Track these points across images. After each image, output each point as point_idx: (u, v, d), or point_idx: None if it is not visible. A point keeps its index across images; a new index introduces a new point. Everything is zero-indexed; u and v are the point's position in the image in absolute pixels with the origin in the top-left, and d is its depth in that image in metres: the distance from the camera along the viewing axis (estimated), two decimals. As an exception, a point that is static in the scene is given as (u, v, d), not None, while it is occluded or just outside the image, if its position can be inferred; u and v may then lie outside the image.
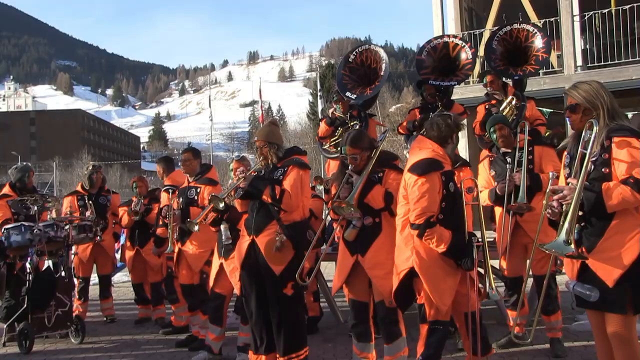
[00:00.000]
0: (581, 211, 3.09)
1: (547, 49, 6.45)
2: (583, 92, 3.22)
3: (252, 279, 4.58)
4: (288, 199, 4.50)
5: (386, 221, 4.26)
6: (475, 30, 14.83)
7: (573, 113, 3.25)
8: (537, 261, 4.87)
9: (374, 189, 4.22)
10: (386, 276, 4.15)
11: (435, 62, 6.86)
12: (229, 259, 5.16)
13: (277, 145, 4.72)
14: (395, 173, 4.32)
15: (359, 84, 6.97)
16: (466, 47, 6.84)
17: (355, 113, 6.83)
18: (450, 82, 6.70)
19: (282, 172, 4.64)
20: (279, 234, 4.47)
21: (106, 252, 7.33)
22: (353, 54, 7.15)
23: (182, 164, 6.05)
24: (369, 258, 4.23)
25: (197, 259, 5.75)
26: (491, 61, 6.61)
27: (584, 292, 3.10)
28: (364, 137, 4.41)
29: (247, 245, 4.62)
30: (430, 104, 6.69)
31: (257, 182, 4.63)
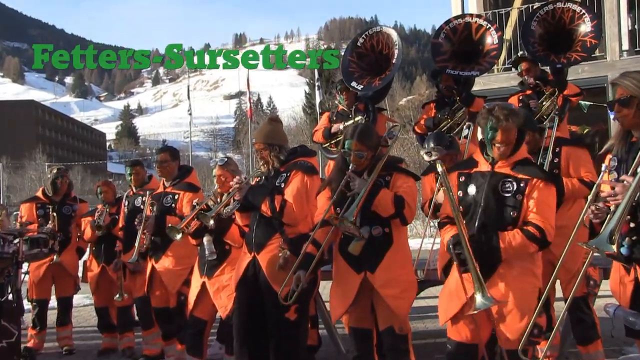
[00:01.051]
0: (633, 222, 3.09)
1: (596, 34, 6.42)
2: (637, 82, 3.20)
3: (248, 302, 4.60)
4: (290, 211, 4.51)
5: (397, 231, 4.27)
6: (500, 10, 14.87)
7: (625, 107, 3.22)
8: (566, 283, 4.86)
9: (381, 193, 4.21)
10: (402, 295, 4.17)
11: (454, 46, 6.86)
12: (213, 277, 5.16)
13: (279, 147, 4.75)
14: (405, 176, 4.32)
15: (368, 72, 6.98)
16: (492, 30, 6.84)
17: (361, 107, 6.83)
18: (472, 71, 6.69)
19: (284, 178, 4.65)
20: (283, 250, 4.48)
21: (66, 270, 7.27)
22: (362, 37, 7.17)
23: (158, 167, 6.07)
24: (380, 275, 4.22)
25: (173, 277, 5.75)
26: (529, 45, 6.55)
27: (628, 318, 3.09)
28: (374, 134, 4.42)
29: (248, 263, 4.63)
30: (447, 98, 6.69)
31: (253, 195, 4.64)
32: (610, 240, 2.87)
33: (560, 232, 4.74)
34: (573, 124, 9.95)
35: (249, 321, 4.64)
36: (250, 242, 4.72)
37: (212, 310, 5.26)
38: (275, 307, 4.46)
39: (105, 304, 7.34)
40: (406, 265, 4.28)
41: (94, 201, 7.86)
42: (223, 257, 5.24)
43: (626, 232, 3.14)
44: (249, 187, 4.71)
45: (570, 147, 5.07)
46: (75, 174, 66.36)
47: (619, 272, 3.27)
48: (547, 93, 6.17)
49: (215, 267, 5.19)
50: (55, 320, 7.50)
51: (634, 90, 3.19)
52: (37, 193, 7.59)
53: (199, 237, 5.28)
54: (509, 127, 3.77)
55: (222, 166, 5.36)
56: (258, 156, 4.84)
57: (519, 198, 3.73)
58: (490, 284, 3.69)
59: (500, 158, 3.85)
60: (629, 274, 3.18)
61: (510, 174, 3.80)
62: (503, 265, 3.74)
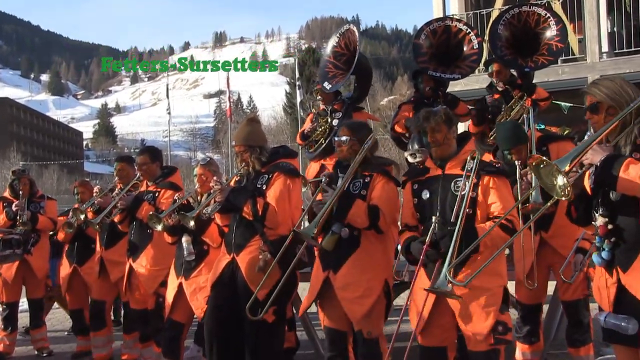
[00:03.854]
0: (611, 224, 3.14)
1: (562, 38, 6.53)
2: (605, 89, 3.27)
3: (223, 303, 4.60)
4: (272, 214, 4.53)
5: (365, 235, 4.29)
6: (482, 10, 14.95)
7: (595, 113, 3.29)
8: (567, 285, 4.90)
9: (355, 206, 4.23)
10: (357, 300, 4.20)
11: (433, 48, 6.91)
12: (190, 278, 5.15)
13: (259, 149, 4.76)
14: (386, 180, 4.34)
15: (343, 71, 7.03)
16: (472, 35, 6.89)
17: (337, 106, 6.89)
18: (454, 74, 6.76)
19: (266, 180, 4.66)
20: (263, 252, 4.49)
21: (35, 271, 7.18)
22: (337, 36, 7.24)
23: (139, 169, 6.04)
24: (340, 277, 4.27)
25: (150, 278, 5.75)
26: (497, 49, 6.66)
27: (620, 323, 3.09)
28: (364, 128, 4.49)
29: (226, 264, 4.63)
30: (427, 99, 6.72)
31: (235, 197, 4.65)
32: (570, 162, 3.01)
33: (561, 232, 4.80)
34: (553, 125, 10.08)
35: (222, 322, 4.63)
36: (230, 243, 4.72)
37: (189, 312, 5.25)
38: (253, 307, 4.46)
39: (79, 306, 7.27)
40: (371, 270, 4.28)
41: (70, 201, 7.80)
42: (201, 258, 5.23)
43: (605, 235, 3.17)
44: (230, 190, 4.70)
45: (558, 142, 5.12)
46: (51, 173, 65.82)
47: (601, 276, 3.30)
48: (515, 97, 6.24)
49: (192, 268, 5.18)
50: (28, 323, 7.43)
51: (600, 96, 3.27)
52: (4, 193, 7.52)
53: (175, 234, 5.26)
54: (432, 128, 3.96)
55: (203, 165, 5.36)
56: (238, 158, 4.84)
57: (472, 195, 3.87)
58: None
59: (439, 159, 4.02)
60: (612, 277, 3.21)
61: (460, 174, 3.93)
62: (468, 265, 3.82)
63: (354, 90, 7.23)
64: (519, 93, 6.35)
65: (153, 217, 5.11)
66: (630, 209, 3.11)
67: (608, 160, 3.06)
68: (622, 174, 2.99)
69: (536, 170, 3.04)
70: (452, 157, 4.01)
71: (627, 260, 3.12)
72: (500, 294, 3.88)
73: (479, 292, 3.81)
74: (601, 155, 3.09)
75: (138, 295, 5.85)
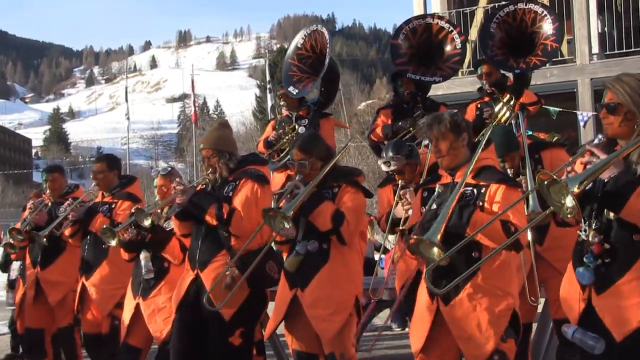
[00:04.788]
0: (608, 243, 3.16)
1: (558, 37, 6.57)
2: (629, 89, 3.21)
3: (189, 325, 4.58)
4: (238, 220, 4.52)
5: (335, 248, 4.32)
6: (465, 9, 15.12)
7: (612, 114, 3.24)
8: (560, 301, 4.94)
9: (322, 205, 4.26)
10: (329, 317, 4.22)
11: (413, 48, 6.95)
12: (149, 298, 5.12)
13: (228, 154, 4.77)
14: (354, 191, 4.38)
15: (309, 75, 7.05)
16: (454, 34, 6.94)
17: (303, 112, 6.91)
18: (435, 77, 6.80)
19: (233, 187, 4.66)
20: (230, 268, 4.48)
21: None
22: (302, 37, 7.25)
23: (94, 177, 6.01)
24: (309, 293, 4.29)
25: (105, 299, 5.71)
26: (487, 49, 6.69)
27: (587, 341, 3.14)
28: (318, 142, 4.50)
29: (190, 282, 4.61)
30: (406, 103, 6.76)
31: (199, 198, 4.63)
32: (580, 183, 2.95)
33: (559, 244, 4.83)
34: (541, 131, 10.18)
35: (188, 347, 4.60)
36: (194, 259, 4.70)
37: (147, 336, 5.21)
38: (218, 331, 4.45)
39: (39, 326, 7.02)
40: (342, 285, 4.30)
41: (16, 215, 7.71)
42: (161, 276, 5.20)
43: (598, 254, 3.20)
44: (193, 192, 4.69)
45: (551, 150, 5.20)
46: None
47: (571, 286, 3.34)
48: (503, 100, 6.30)
49: (151, 287, 5.14)
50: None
51: (623, 98, 3.20)
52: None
53: (133, 250, 5.22)
54: (435, 136, 3.90)
55: (164, 176, 5.36)
56: (205, 164, 4.84)
57: (479, 204, 3.82)
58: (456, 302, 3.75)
59: (446, 169, 3.97)
60: (583, 292, 3.26)
61: (470, 182, 3.89)
62: (472, 284, 3.78)
63: (320, 95, 7.25)
64: (507, 96, 6.40)
65: (107, 231, 5.07)
66: (624, 233, 3.15)
67: (620, 180, 3.07)
68: (633, 200, 3.00)
69: (543, 187, 2.98)
70: (462, 165, 3.95)
71: (605, 283, 3.17)
72: (506, 317, 3.81)
73: (482, 313, 3.76)
74: (611, 172, 3.08)
75: (91, 318, 5.79)
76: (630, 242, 3.13)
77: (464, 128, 3.98)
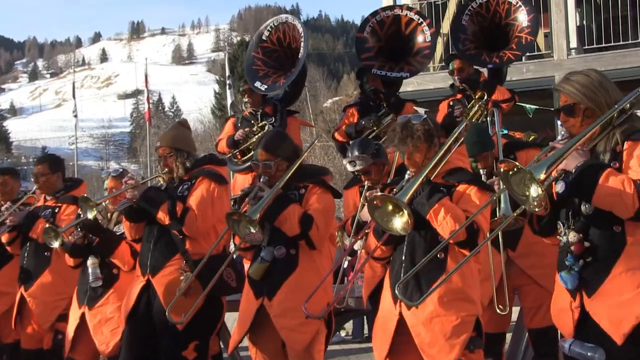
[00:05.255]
0: (587, 242, 3.21)
1: (533, 29, 6.66)
2: (580, 87, 3.29)
3: (139, 338, 4.54)
4: (192, 219, 4.52)
5: (304, 254, 4.32)
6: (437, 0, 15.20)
7: (570, 116, 3.32)
8: (534, 310, 5.00)
9: (289, 208, 4.26)
10: (299, 328, 4.22)
11: (381, 41, 6.99)
12: (95, 307, 5.08)
13: (186, 154, 4.78)
14: (322, 191, 4.39)
15: (276, 70, 7.05)
16: (424, 26, 7.01)
17: (269, 110, 6.89)
18: (402, 72, 6.84)
19: (188, 187, 4.66)
20: (185, 272, 4.45)
21: None
22: (267, 29, 7.25)
23: (35, 180, 5.94)
24: (277, 302, 4.28)
25: (47, 311, 5.64)
26: (459, 43, 6.77)
27: (585, 353, 3.16)
28: (284, 141, 4.50)
29: (140, 289, 4.57)
30: (372, 101, 6.80)
31: (152, 194, 4.60)
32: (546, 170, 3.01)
33: (530, 250, 4.87)
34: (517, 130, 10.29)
35: None
36: (145, 264, 4.68)
37: (93, 349, 5.17)
38: (171, 345, 4.43)
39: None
40: (316, 293, 4.30)
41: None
42: (109, 284, 5.19)
43: (579, 254, 3.24)
44: (146, 187, 4.69)
45: (527, 150, 5.24)
46: None
47: (562, 297, 3.37)
48: (475, 97, 6.35)
49: (98, 295, 5.11)
50: None
51: (577, 96, 3.29)
52: None
53: (79, 256, 5.18)
54: (409, 151, 3.90)
55: (115, 177, 5.41)
56: (161, 163, 4.86)
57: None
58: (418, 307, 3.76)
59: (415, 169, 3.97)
60: (575, 300, 3.28)
61: (442, 183, 3.95)
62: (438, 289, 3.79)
63: (285, 91, 7.24)
64: (479, 92, 6.44)
65: (50, 231, 5.03)
66: (603, 227, 3.20)
67: (586, 168, 3.12)
68: (600, 185, 3.05)
69: (505, 178, 3.04)
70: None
71: (594, 284, 3.20)
72: (470, 324, 3.85)
73: (447, 318, 3.79)
74: (577, 161, 3.14)
75: (31, 332, 5.71)
76: (611, 235, 3.18)
77: (435, 133, 4.02)
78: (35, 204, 6.11)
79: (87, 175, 58.29)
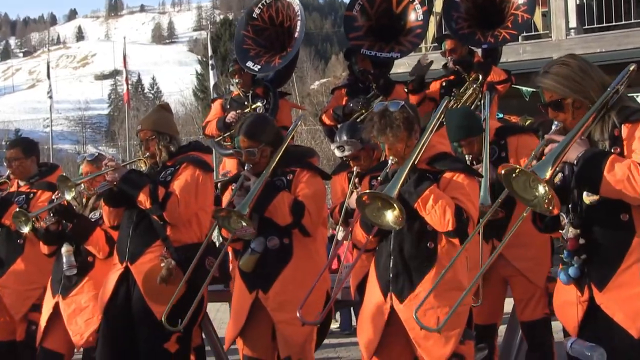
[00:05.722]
0: (583, 238, 3.21)
1: (529, 7, 6.65)
2: (562, 79, 3.28)
3: (117, 329, 4.54)
4: (174, 205, 4.52)
5: (298, 243, 4.32)
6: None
7: (560, 111, 3.31)
8: (525, 302, 5.02)
9: (278, 197, 4.25)
10: (297, 321, 4.19)
11: (371, 20, 6.97)
12: (69, 296, 5.08)
13: (169, 137, 4.79)
14: (310, 175, 4.37)
15: (267, 50, 7.05)
16: (416, 4, 6.99)
17: (259, 91, 6.86)
18: (392, 53, 6.82)
19: (171, 172, 4.68)
20: (166, 259, 4.44)
21: None
22: (258, 7, 7.21)
23: (8, 165, 5.92)
24: (273, 295, 4.28)
25: (19, 299, 5.63)
26: (452, 21, 6.76)
27: (583, 351, 3.16)
28: (266, 125, 4.49)
29: (118, 277, 4.56)
30: (362, 83, 6.78)
31: (133, 176, 4.60)
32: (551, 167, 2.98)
33: (518, 241, 4.85)
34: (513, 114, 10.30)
35: (117, 356, 4.56)
36: (123, 250, 4.67)
37: (68, 340, 5.17)
38: (150, 335, 4.43)
39: None
40: (309, 284, 4.27)
41: None
42: (84, 272, 5.19)
43: (574, 250, 3.24)
44: (126, 170, 4.69)
45: (519, 135, 5.23)
46: None
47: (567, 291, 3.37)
48: (469, 79, 6.34)
49: (73, 284, 5.11)
50: None
51: (560, 90, 3.28)
52: None
53: (53, 243, 5.17)
54: (390, 141, 3.88)
55: (90, 162, 5.40)
56: (142, 147, 4.87)
57: None
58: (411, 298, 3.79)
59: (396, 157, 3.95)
60: (582, 293, 3.28)
61: (426, 169, 3.94)
62: (428, 278, 3.82)
63: (275, 72, 7.22)
64: (474, 74, 6.44)
65: (20, 215, 5.03)
66: (609, 217, 3.19)
67: (588, 158, 3.11)
68: (606, 174, 3.04)
69: (508, 182, 3.01)
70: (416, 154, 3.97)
71: (603, 277, 3.20)
72: (465, 314, 3.87)
73: (441, 310, 3.77)
74: (577, 152, 3.13)
75: (3, 322, 5.68)
76: (618, 224, 3.18)
77: (415, 120, 4.00)
78: (8, 189, 6.07)
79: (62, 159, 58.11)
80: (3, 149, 6.65)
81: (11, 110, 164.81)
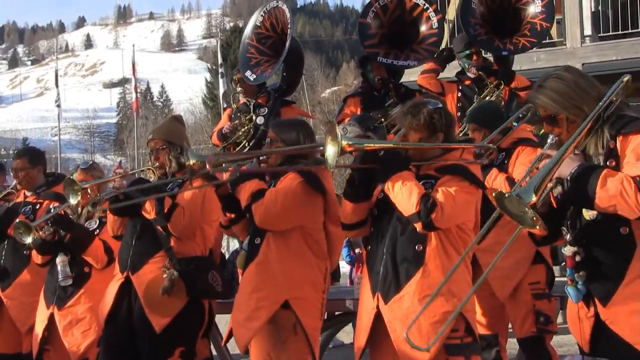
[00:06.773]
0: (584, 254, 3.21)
1: (548, 15, 6.62)
2: (555, 95, 3.28)
3: (119, 342, 4.53)
4: (179, 217, 4.52)
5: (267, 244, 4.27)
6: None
7: (553, 126, 3.32)
8: (521, 320, 4.98)
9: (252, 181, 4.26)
10: (244, 323, 4.19)
11: (384, 28, 6.97)
12: (64, 308, 5.07)
13: (180, 149, 4.78)
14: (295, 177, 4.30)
15: (270, 57, 7.04)
16: (430, 11, 6.98)
17: (262, 100, 6.88)
18: (409, 60, 6.81)
19: (179, 184, 4.68)
20: (168, 270, 4.43)
21: None
22: (261, 14, 7.22)
23: (15, 175, 5.92)
24: (237, 295, 4.34)
25: (25, 311, 5.61)
26: (470, 27, 6.74)
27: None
28: (294, 129, 4.45)
29: (119, 287, 4.55)
30: (377, 91, 6.77)
31: (140, 184, 4.64)
32: (535, 192, 2.96)
33: (493, 250, 4.81)
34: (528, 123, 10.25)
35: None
36: (125, 260, 4.65)
37: (64, 353, 5.15)
38: (154, 350, 4.41)
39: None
40: (265, 288, 4.22)
41: None
42: (80, 283, 5.18)
43: (573, 267, 3.23)
44: (134, 178, 4.72)
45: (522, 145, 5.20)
46: None
47: (576, 306, 3.35)
48: (491, 85, 6.33)
49: (68, 295, 5.11)
50: None
51: (553, 107, 3.29)
52: None
53: (47, 252, 5.17)
54: (407, 127, 3.89)
55: (85, 170, 5.44)
56: (152, 157, 4.87)
57: None
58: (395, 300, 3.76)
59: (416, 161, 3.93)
60: (589, 309, 3.27)
61: (434, 175, 3.91)
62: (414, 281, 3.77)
63: (282, 81, 7.23)
64: (495, 81, 6.43)
65: (21, 226, 5.02)
66: (609, 231, 3.18)
67: (580, 174, 3.09)
68: (599, 190, 3.02)
69: (501, 204, 3.02)
70: (430, 159, 3.97)
71: (606, 292, 3.19)
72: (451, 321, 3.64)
73: (424, 314, 3.65)
74: (570, 168, 3.12)
75: (8, 335, 5.68)
76: (618, 238, 3.16)
77: (440, 128, 3.94)
78: (15, 200, 6.08)
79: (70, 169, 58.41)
80: (11, 158, 6.64)
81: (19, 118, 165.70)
